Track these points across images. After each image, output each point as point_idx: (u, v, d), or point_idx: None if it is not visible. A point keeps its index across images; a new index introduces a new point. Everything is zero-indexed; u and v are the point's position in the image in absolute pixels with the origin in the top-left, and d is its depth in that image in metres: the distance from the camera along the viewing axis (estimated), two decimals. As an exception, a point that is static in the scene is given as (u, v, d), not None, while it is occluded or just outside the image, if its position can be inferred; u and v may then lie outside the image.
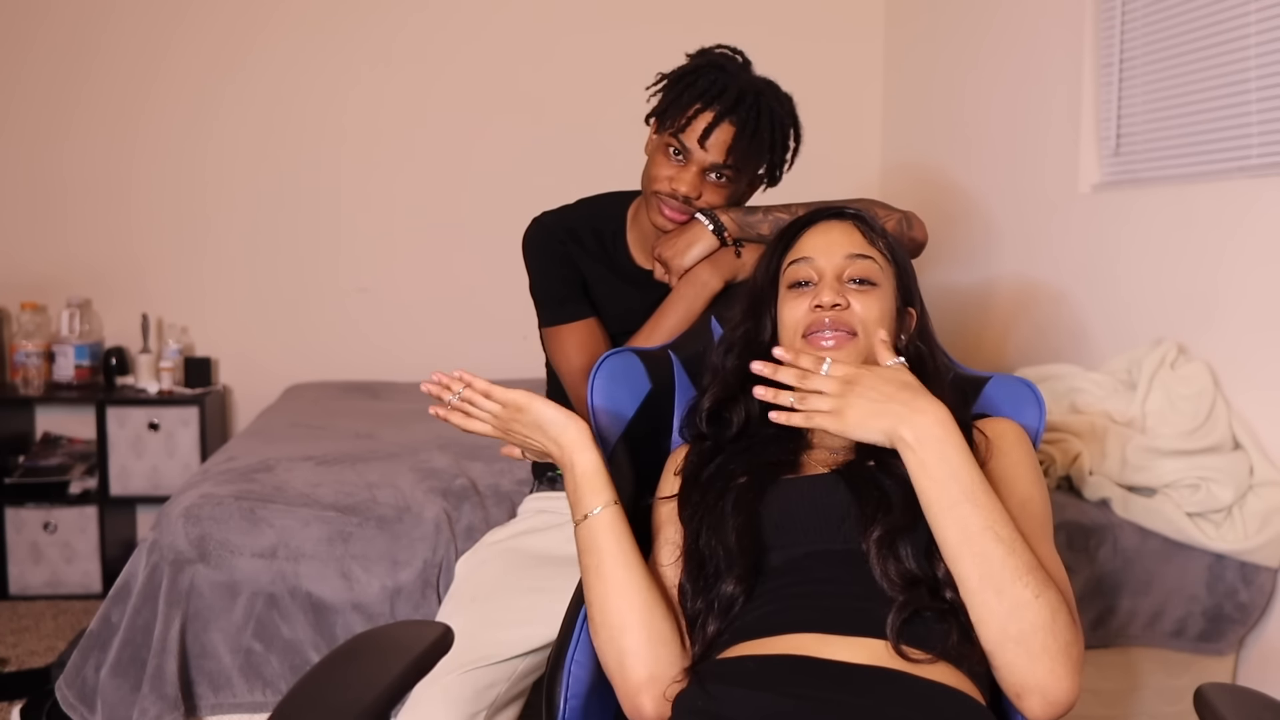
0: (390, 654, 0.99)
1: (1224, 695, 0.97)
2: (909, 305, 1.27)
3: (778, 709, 1.00)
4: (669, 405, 1.38)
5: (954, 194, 3.25)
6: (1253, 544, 1.95)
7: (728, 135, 1.53)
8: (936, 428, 1.04)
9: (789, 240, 1.28)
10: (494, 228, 3.62)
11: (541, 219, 1.70)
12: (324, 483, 2.03)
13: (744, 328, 1.28)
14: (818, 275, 1.22)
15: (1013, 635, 0.98)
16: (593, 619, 1.13)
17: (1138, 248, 2.41)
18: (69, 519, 3.12)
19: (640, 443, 1.34)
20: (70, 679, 1.85)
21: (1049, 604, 0.99)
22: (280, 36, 3.47)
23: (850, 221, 1.26)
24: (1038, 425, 1.31)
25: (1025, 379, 1.37)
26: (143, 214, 3.44)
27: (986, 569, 0.99)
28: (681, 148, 1.55)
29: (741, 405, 1.24)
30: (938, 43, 3.42)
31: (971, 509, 1.01)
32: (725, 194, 1.58)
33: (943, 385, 1.24)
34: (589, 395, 1.33)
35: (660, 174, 1.57)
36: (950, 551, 1.02)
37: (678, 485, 1.21)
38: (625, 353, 1.37)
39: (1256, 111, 2.08)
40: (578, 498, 1.14)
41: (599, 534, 1.13)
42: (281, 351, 3.53)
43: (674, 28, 3.57)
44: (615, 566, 1.12)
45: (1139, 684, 2.05)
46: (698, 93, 1.54)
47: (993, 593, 0.99)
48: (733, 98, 1.53)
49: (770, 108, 1.57)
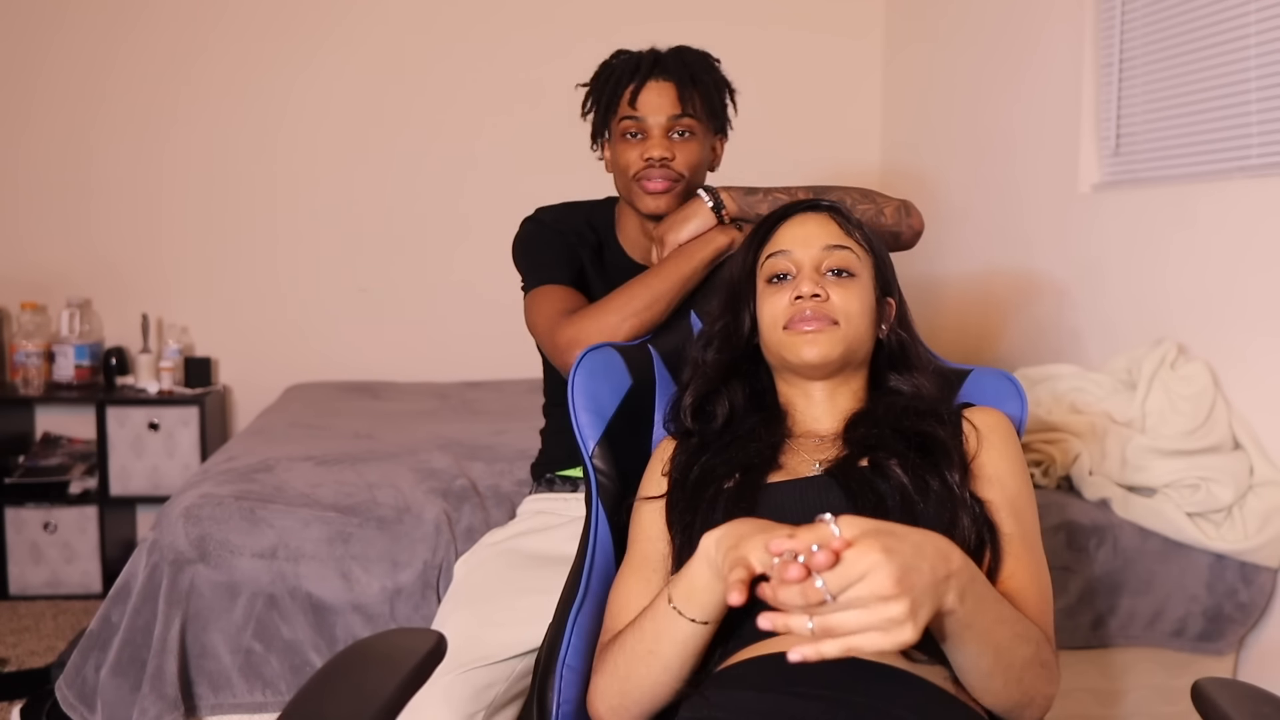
0: (387, 665, 0.97)
1: (1222, 689, 0.97)
2: (888, 295, 1.26)
3: (778, 708, 0.99)
4: (650, 400, 1.37)
5: (954, 193, 3.25)
6: (1253, 544, 1.95)
7: (667, 89, 1.57)
8: (965, 569, 0.89)
9: (765, 234, 1.27)
10: (494, 228, 3.61)
11: (539, 216, 1.69)
12: (324, 483, 2.03)
13: (722, 322, 1.27)
14: (796, 268, 1.21)
15: (1024, 703, 1.01)
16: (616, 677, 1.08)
17: (1138, 248, 2.41)
18: (69, 519, 3.12)
19: (622, 438, 1.33)
20: (70, 679, 1.85)
21: (1048, 664, 1.01)
22: (280, 37, 3.47)
23: (826, 213, 1.26)
24: (1021, 417, 1.30)
25: (1006, 372, 1.36)
26: (143, 214, 3.44)
27: (1010, 673, 0.97)
28: (634, 125, 1.58)
29: (725, 398, 1.24)
30: (937, 42, 3.42)
31: (1002, 629, 0.95)
32: (696, 147, 1.60)
33: (926, 374, 1.24)
34: (569, 392, 1.32)
35: (628, 159, 1.59)
36: (981, 673, 0.96)
37: (664, 486, 1.20)
38: (604, 348, 1.36)
39: (1256, 111, 2.08)
40: (704, 598, 1.02)
41: (693, 641, 1.04)
42: (281, 351, 3.53)
43: (674, 28, 3.57)
44: (677, 671, 1.05)
45: (1139, 684, 2.05)
46: (619, 73, 1.60)
47: (1015, 686, 0.99)
48: (651, 59, 1.59)
49: (690, 56, 1.62)
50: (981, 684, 0.98)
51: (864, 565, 0.79)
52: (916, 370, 1.24)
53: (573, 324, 1.48)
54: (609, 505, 1.29)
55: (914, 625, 0.80)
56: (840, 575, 0.80)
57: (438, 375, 3.57)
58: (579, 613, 1.23)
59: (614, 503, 1.29)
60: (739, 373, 1.26)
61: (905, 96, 3.65)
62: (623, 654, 1.07)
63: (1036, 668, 0.98)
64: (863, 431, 1.16)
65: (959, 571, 0.87)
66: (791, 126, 3.64)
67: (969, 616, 0.89)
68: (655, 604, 1.05)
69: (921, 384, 1.23)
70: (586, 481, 1.31)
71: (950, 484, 1.09)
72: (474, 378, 3.55)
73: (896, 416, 1.17)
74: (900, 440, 1.13)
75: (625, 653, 1.06)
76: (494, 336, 3.51)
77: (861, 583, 0.79)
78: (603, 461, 1.30)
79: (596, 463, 1.30)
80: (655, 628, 1.04)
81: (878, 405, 1.21)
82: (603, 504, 1.29)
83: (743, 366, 1.26)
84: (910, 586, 0.80)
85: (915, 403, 1.19)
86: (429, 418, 2.82)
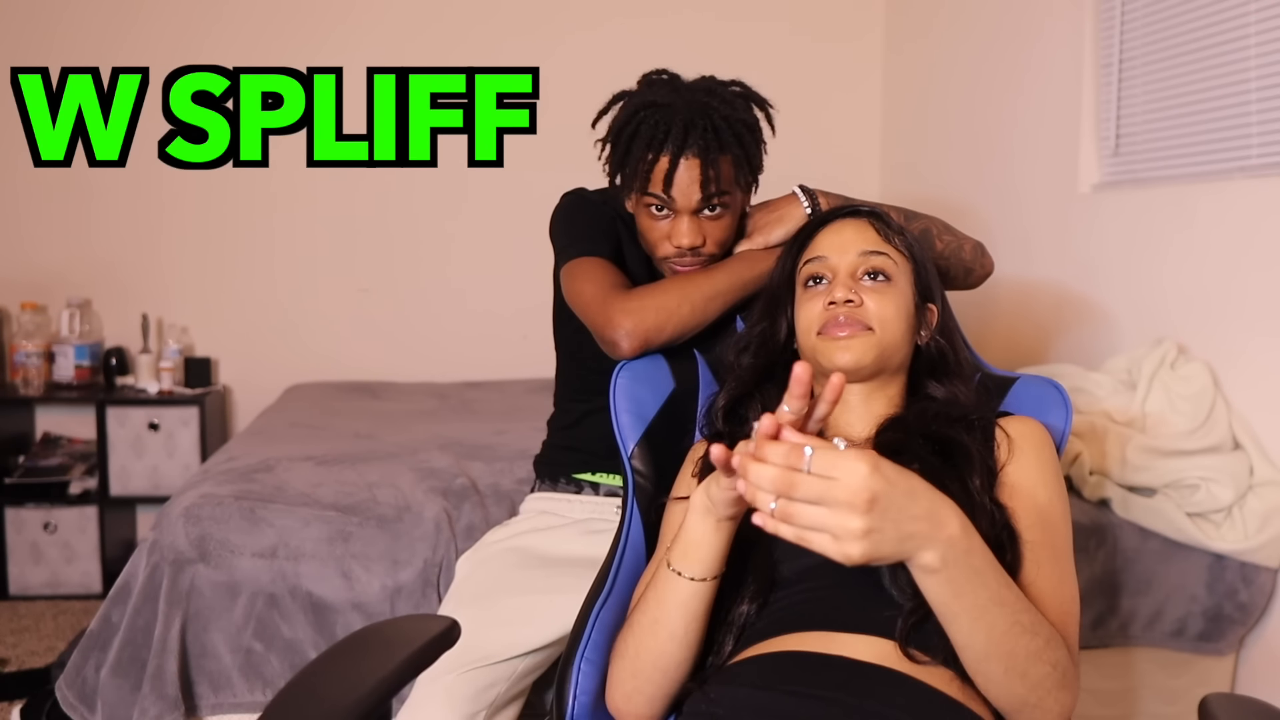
0: (395, 646, 0.99)
1: (1229, 707, 0.96)
2: (929, 302, 1.25)
3: (778, 707, 0.99)
4: (693, 405, 1.38)
5: (954, 194, 3.25)
6: (1253, 544, 1.95)
7: (695, 170, 1.37)
8: (962, 541, 0.89)
9: (804, 240, 1.27)
10: (494, 228, 3.63)
11: (585, 193, 1.60)
12: (324, 483, 2.03)
13: (760, 327, 1.28)
14: (831, 273, 1.21)
15: (1031, 703, 0.98)
16: (627, 657, 1.09)
17: (1138, 248, 2.41)
18: (69, 519, 3.12)
19: (661, 441, 1.34)
20: (70, 679, 1.85)
21: (1060, 664, 0.98)
22: (280, 35, 3.47)
23: (865, 219, 1.25)
24: (1064, 428, 1.29)
25: (1053, 380, 1.34)
26: (143, 214, 3.44)
27: (1011, 662, 0.95)
28: (658, 202, 1.41)
29: (758, 401, 1.24)
30: (937, 42, 3.42)
31: (999, 611, 0.93)
32: (728, 221, 1.44)
33: (966, 382, 1.24)
34: (611, 395, 1.32)
35: (655, 237, 1.44)
36: (975, 653, 0.95)
37: (694, 487, 1.21)
38: (651, 356, 1.37)
39: (1256, 111, 2.08)
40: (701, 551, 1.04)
41: (694, 601, 1.05)
42: (281, 351, 3.53)
43: (674, 28, 3.58)
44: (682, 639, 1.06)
45: (1139, 684, 2.05)
46: (644, 142, 1.39)
47: (1017, 679, 0.96)
48: (681, 131, 1.37)
49: (723, 115, 1.40)
50: (979, 667, 0.96)
51: (848, 468, 0.81)
52: (956, 378, 1.23)
53: (628, 297, 1.38)
54: (643, 505, 1.31)
55: (865, 548, 0.81)
56: (824, 461, 0.81)
57: (438, 375, 3.57)
58: (602, 608, 1.25)
59: (649, 502, 1.31)
60: (774, 377, 1.26)
61: (905, 96, 3.65)
62: (631, 633, 1.09)
63: (1045, 666, 0.96)
64: (890, 436, 1.16)
65: (952, 538, 0.88)
66: (791, 126, 3.62)
67: (957, 586, 0.90)
68: (656, 575, 1.07)
69: (958, 391, 1.22)
70: (624, 481, 1.32)
71: (970, 489, 1.08)
72: (474, 378, 3.55)
73: (926, 422, 1.16)
74: (926, 445, 1.13)
75: (633, 630, 1.08)
76: (494, 337, 3.52)
77: (838, 483, 0.80)
78: (641, 462, 1.32)
79: (635, 463, 1.32)
80: (657, 596, 1.06)
81: (910, 411, 1.20)
82: (638, 503, 1.31)
83: (779, 372, 1.26)
84: (881, 513, 0.81)
85: (947, 409, 1.19)
86: (429, 418, 2.83)
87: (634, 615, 1.09)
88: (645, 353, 1.37)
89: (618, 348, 1.36)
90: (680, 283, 1.40)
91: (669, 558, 1.05)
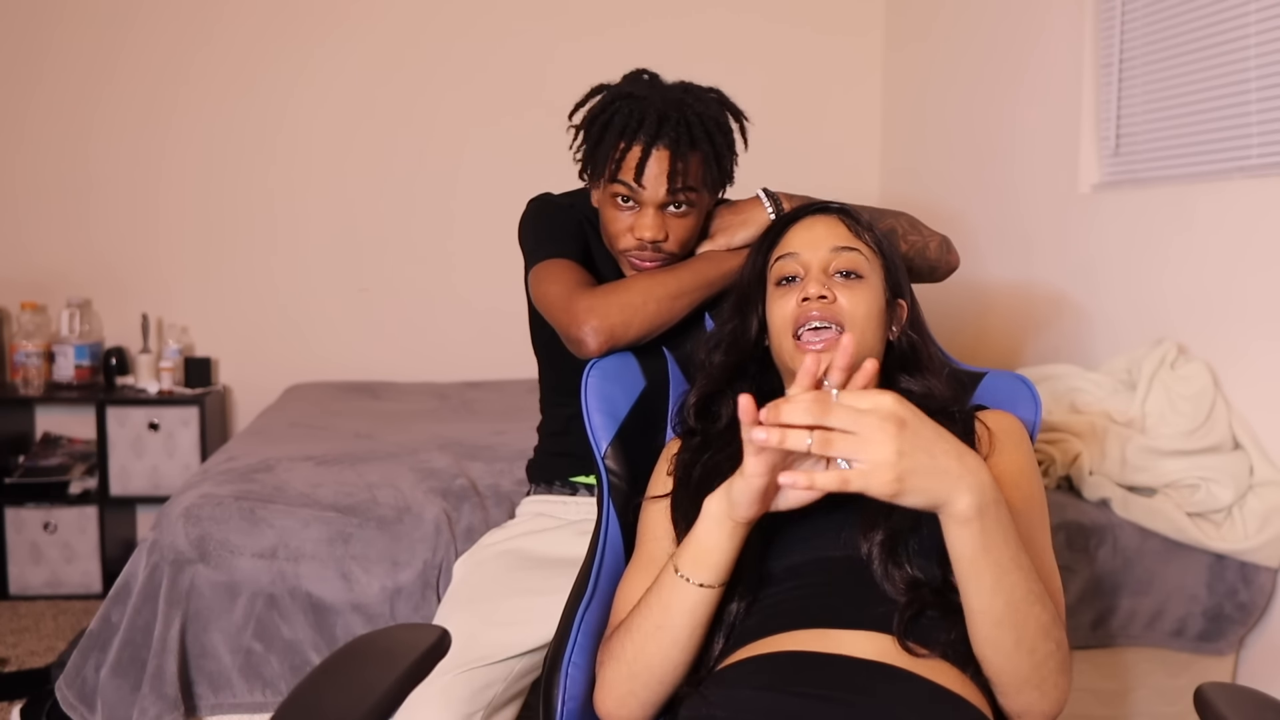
0: (387, 659, 0.98)
1: (1223, 694, 0.97)
2: (899, 297, 1.25)
3: (777, 707, 0.98)
4: (663, 403, 1.38)
5: (954, 193, 3.25)
6: (1253, 544, 1.95)
7: (665, 162, 1.38)
8: (992, 489, 0.89)
9: (774, 237, 1.27)
10: (493, 227, 3.62)
11: (551, 198, 1.62)
12: (324, 483, 2.03)
13: (731, 325, 1.27)
14: (803, 270, 1.21)
15: (1034, 682, 0.97)
16: (624, 661, 1.08)
17: (1138, 248, 2.41)
18: (69, 519, 3.12)
19: (634, 440, 1.33)
20: (70, 679, 1.85)
21: (1063, 646, 0.98)
22: (280, 36, 3.47)
23: (835, 215, 1.26)
24: (1034, 421, 1.31)
25: (1021, 375, 1.36)
26: (142, 214, 3.45)
27: (1023, 633, 0.94)
28: (625, 191, 1.41)
29: (729, 398, 1.24)
30: (937, 42, 3.42)
31: (1019, 575, 0.93)
32: (693, 220, 1.44)
33: (938, 376, 1.24)
34: (583, 395, 1.32)
35: (618, 228, 1.44)
36: (992, 617, 0.94)
37: (669, 485, 1.20)
38: (620, 354, 1.37)
39: (1256, 111, 2.08)
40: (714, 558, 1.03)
41: (701, 607, 1.05)
42: (281, 351, 3.53)
43: (674, 28, 3.58)
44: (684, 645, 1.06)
45: (1139, 684, 2.05)
46: (617, 130, 1.39)
47: (1025, 654, 0.96)
48: (654, 121, 1.38)
49: (697, 113, 1.41)
50: (992, 634, 0.95)
51: (874, 399, 0.85)
52: (928, 372, 1.23)
53: (594, 295, 1.38)
54: (619, 505, 1.30)
55: (900, 473, 0.83)
56: (850, 395, 0.85)
57: (437, 375, 3.57)
58: (586, 611, 1.23)
59: (624, 502, 1.30)
60: (746, 375, 1.26)
61: (905, 96, 3.65)
62: (630, 637, 1.07)
63: (1051, 645, 0.96)
64: None
65: (984, 483, 0.88)
66: (791, 125, 3.64)
67: (987, 539, 0.90)
68: (660, 579, 1.06)
69: (933, 385, 1.22)
70: (598, 481, 1.31)
71: None
72: (474, 378, 3.55)
73: None
74: None
75: (632, 634, 1.07)
76: (493, 336, 3.52)
77: (867, 413, 0.84)
78: (615, 462, 1.31)
79: (608, 463, 1.30)
80: (662, 601, 1.04)
81: None
82: (613, 504, 1.29)
83: (750, 369, 1.26)
84: (913, 438, 0.84)
85: (926, 402, 1.18)
86: (429, 418, 2.83)
87: (633, 620, 1.08)
88: (612, 350, 1.36)
89: (584, 345, 1.35)
90: (645, 280, 1.41)
91: (676, 564, 1.03)
